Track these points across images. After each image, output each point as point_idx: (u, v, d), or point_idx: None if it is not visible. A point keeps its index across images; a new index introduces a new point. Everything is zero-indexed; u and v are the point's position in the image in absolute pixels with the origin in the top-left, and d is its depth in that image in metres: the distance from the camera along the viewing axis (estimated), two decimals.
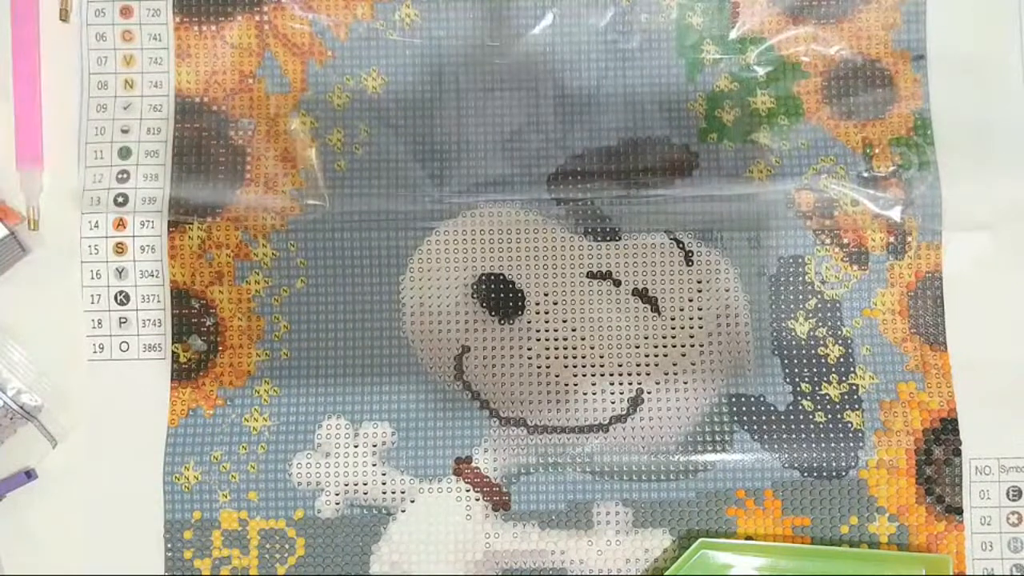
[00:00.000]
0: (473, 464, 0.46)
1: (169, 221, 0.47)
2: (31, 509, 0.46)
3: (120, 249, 0.47)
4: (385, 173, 0.48)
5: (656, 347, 0.47)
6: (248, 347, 0.47)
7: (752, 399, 0.46)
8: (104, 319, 0.47)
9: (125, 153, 0.48)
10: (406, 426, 0.46)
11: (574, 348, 0.47)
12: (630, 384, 0.47)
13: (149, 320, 0.47)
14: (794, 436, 0.46)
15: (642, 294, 0.47)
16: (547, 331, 0.47)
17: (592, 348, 0.47)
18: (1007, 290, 0.47)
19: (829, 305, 0.47)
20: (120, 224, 0.47)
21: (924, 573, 0.44)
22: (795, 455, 0.46)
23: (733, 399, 0.46)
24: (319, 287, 0.47)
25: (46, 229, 0.48)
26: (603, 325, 0.47)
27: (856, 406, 0.46)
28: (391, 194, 0.48)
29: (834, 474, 0.46)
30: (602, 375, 0.47)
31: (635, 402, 0.46)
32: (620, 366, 0.47)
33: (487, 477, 0.46)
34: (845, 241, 0.47)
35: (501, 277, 0.47)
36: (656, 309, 0.47)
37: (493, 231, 0.48)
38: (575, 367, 0.47)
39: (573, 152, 0.48)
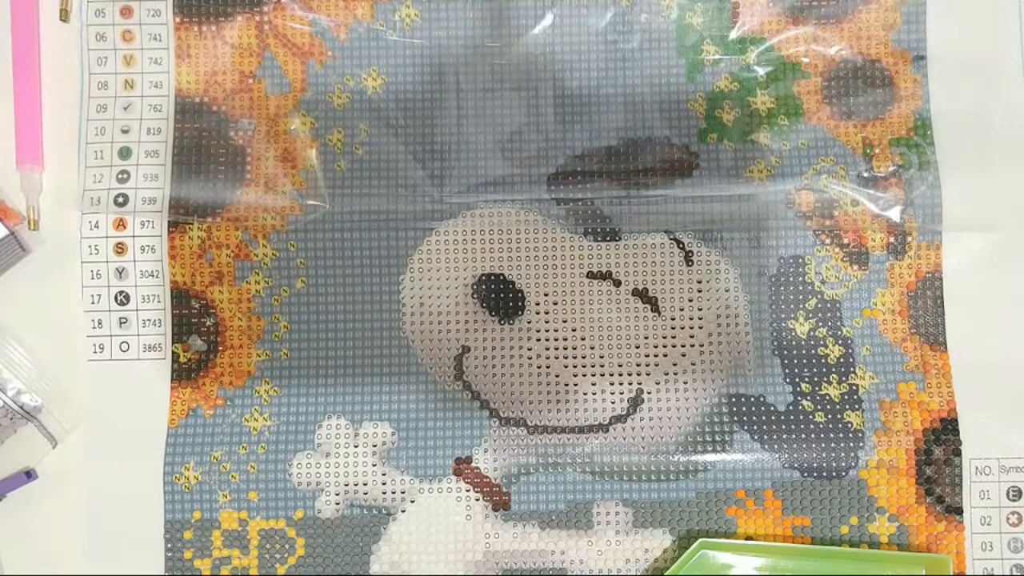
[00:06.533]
0: (473, 464, 0.46)
1: (169, 221, 0.47)
2: (31, 509, 0.46)
3: (120, 249, 0.47)
4: (385, 173, 0.48)
5: (656, 347, 0.47)
6: (248, 347, 0.47)
7: (752, 399, 0.46)
8: (104, 319, 0.47)
9: (125, 153, 0.48)
10: (406, 426, 0.46)
11: (574, 348, 0.47)
12: (630, 384, 0.47)
13: (149, 320, 0.47)
14: (794, 436, 0.46)
15: (642, 294, 0.47)
16: (547, 331, 0.47)
17: (592, 348, 0.47)
18: (1007, 290, 0.47)
19: (829, 305, 0.47)
20: (120, 224, 0.47)
21: (924, 573, 0.44)
22: (795, 455, 0.46)
23: (733, 399, 0.46)
24: (319, 287, 0.47)
25: (46, 229, 0.47)
26: (603, 325, 0.47)
27: (856, 406, 0.46)
28: (391, 194, 0.48)
29: (834, 474, 0.46)
30: (602, 375, 0.47)
31: (635, 402, 0.46)
32: (620, 366, 0.47)
33: (487, 477, 0.46)
34: (845, 241, 0.47)
35: (501, 277, 0.47)
36: (656, 309, 0.47)
37: (493, 231, 0.48)
38: (575, 367, 0.47)
39: (573, 152, 0.48)
